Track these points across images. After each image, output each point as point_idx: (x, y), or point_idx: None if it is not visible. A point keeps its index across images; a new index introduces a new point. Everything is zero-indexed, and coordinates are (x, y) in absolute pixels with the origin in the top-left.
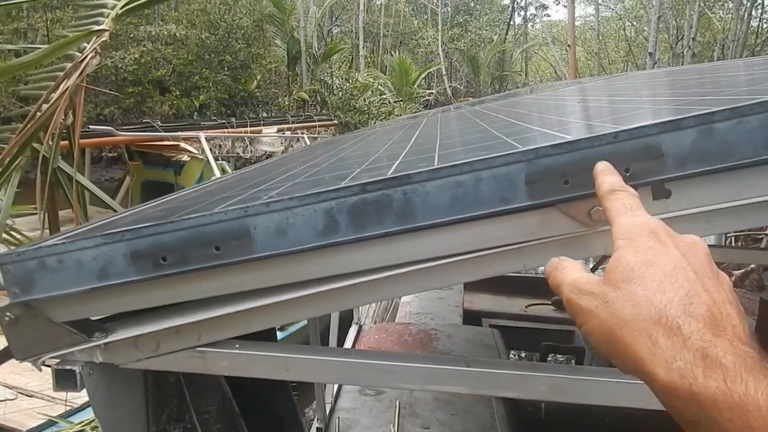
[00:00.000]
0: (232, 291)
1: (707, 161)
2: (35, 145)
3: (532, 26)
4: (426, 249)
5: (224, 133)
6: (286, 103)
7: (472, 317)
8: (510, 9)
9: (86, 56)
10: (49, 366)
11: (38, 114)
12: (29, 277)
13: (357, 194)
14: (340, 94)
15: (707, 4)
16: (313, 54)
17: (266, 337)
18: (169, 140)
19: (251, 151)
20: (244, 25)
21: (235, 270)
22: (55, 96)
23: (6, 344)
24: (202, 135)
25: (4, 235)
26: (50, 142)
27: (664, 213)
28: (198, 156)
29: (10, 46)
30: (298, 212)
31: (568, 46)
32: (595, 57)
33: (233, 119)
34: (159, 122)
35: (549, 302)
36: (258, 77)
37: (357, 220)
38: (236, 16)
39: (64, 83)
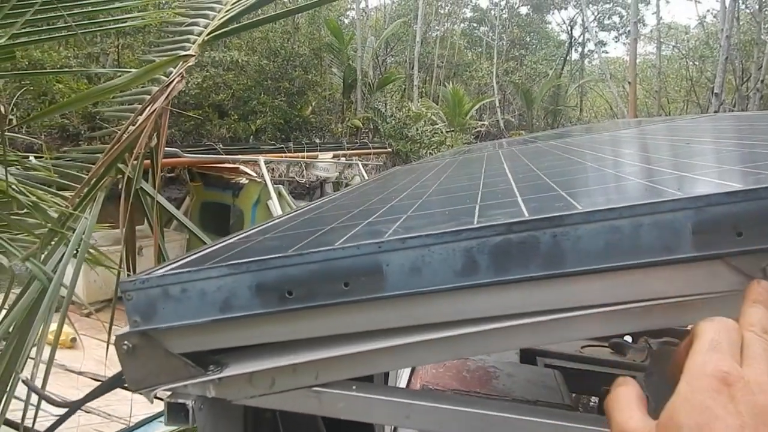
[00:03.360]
0: (359, 330)
1: None
2: (120, 165)
3: (589, 62)
4: (574, 297)
5: (282, 157)
6: (339, 129)
7: (527, 355)
8: (567, 44)
9: (173, 80)
10: (160, 398)
11: (124, 136)
12: (151, 306)
13: (501, 234)
14: (393, 122)
15: None
16: (368, 82)
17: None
18: (229, 163)
19: (306, 176)
20: (303, 53)
21: (364, 308)
22: (141, 118)
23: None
24: (261, 159)
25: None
26: (134, 162)
27: None
28: (256, 179)
29: (86, 70)
30: (435, 250)
31: (628, 83)
32: (655, 95)
33: (290, 144)
34: (221, 145)
35: (606, 344)
36: (313, 103)
37: (499, 261)
38: (296, 44)
39: (150, 106)
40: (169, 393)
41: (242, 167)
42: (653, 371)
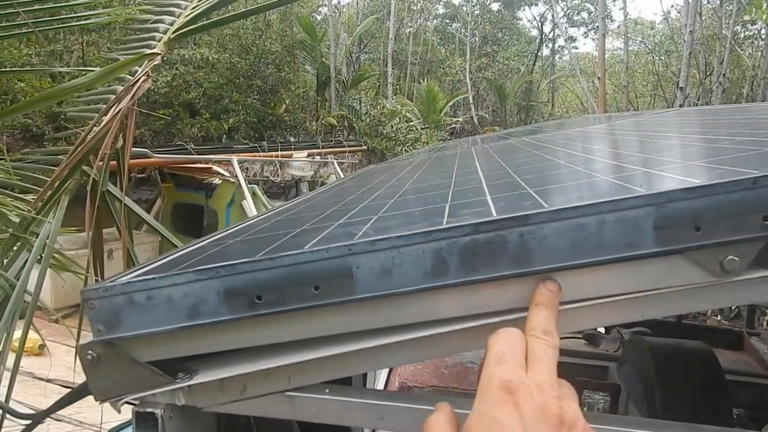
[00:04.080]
0: (330, 333)
1: None
2: (85, 167)
3: (560, 58)
4: None
5: (256, 156)
6: (314, 127)
7: None
8: (538, 40)
9: (138, 79)
10: (133, 403)
11: (89, 137)
12: (116, 314)
13: (469, 234)
14: (368, 120)
15: (737, 40)
16: (342, 80)
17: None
18: (202, 163)
19: (281, 175)
20: (275, 50)
21: (334, 311)
22: (106, 119)
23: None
24: (234, 158)
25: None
26: (100, 164)
27: None
28: (229, 179)
29: (49, 69)
30: (405, 252)
31: (598, 78)
32: (623, 90)
33: (264, 143)
34: (192, 145)
35: (580, 336)
36: (286, 101)
37: (468, 262)
38: (267, 41)
39: (115, 106)
40: (137, 402)
41: (215, 167)
42: (626, 360)
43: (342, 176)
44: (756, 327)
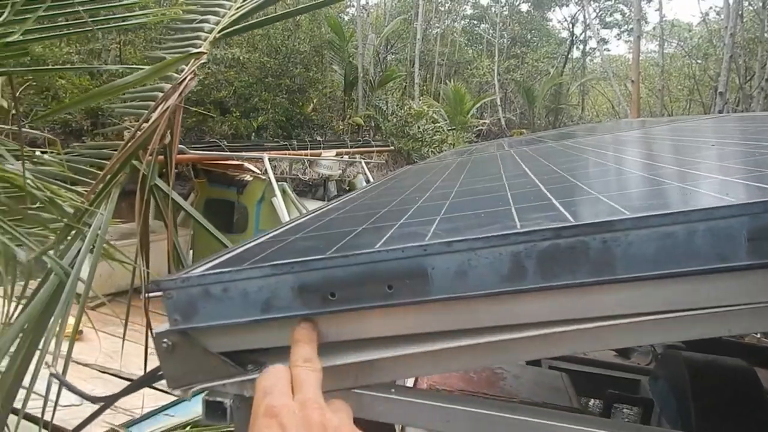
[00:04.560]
0: (401, 333)
1: None
2: (134, 162)
3: (591, 60)
4: (624, 304)
5: (287, 154)
6: (341, 127)
7: None
8: (568, 42)
9: (185, 78)
10: (164, 390)
11: (138, 133)
12: (192, 305)
13: (550, 239)
14: (395, 120)
15: None
16: (369, 80)
17: None
18: (234, 160)
19: (309, 174)
20: (304, 50)
21: (407, 311)
22: (154, 116)
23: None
24: (265, 156)
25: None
26: (149, 159)
27: None
28: (260, 176)
29: (95, 66)
30: (482, 254)
31: (631, 81)
32: (657, 94)
33: (294, 141)
34: (225, 142)
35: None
36: (314, 101)
37: (547, 267)
38: (296, 41)
39: (163, 104)
40: (206, 391)
41: (246, 164)
42: (659, 375)
43: (370, 176)
44: None
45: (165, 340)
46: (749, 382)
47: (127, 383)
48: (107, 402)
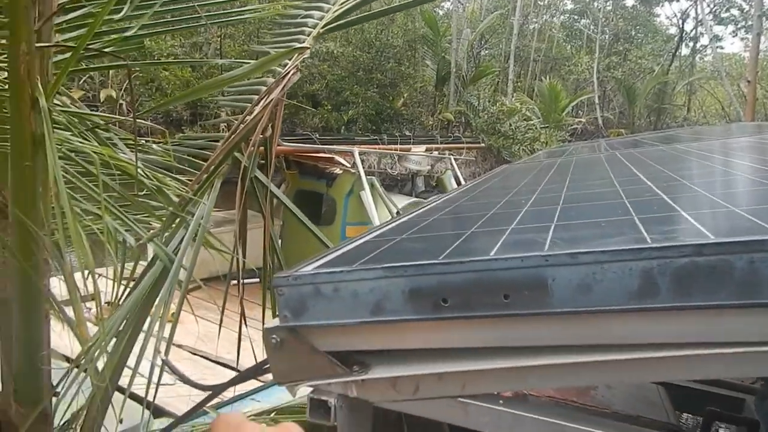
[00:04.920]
0: (516, 344)
1: None
2: (236, 154)
3: (701, 58)
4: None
5: (376, 148)
6: (431, 122)
7: None
8: (677, 39)
9: (289, 72)
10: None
11: (241, 126)
12: (302, 303)
13: (688, 256)
14: (486, 116)
15: None
16: (462, 76)
17: None
18: (325, 153)
19: (398, 168)
20: (397, 44)
21: (524, 321)
22: (257, 109)
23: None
24: (356, 150)
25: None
26: (251, 150)
27: None
28: (350, 170)
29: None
30: (608, 268)
31: (747, 81)
32: None
33: (384, 136)
34: (317, 135)
35: None
36: (405, 95)
37: (683, 285)
38: (390, 36)
39: (266, 97)
40: (311, 389)
41: (336, 157)
42: (766, 394)
43: (459, 173)
44: None
45: (274, 335)
46: None
47: (216, 366)
48: (215, 390)
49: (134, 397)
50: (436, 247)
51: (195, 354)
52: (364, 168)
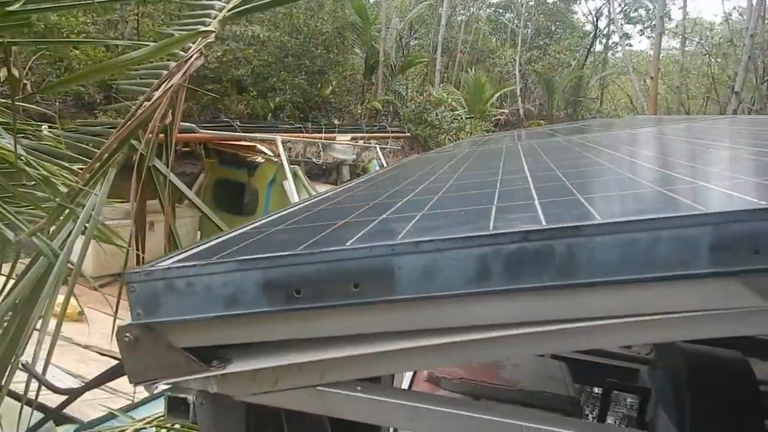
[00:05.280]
0: (367, 331)
1: None
2: (133, 141)
3: (613, 55)
4: (587, 308)
5: (300, 137)
6: (359, 111)
7: None
8: (592, 35)
9: (191, 56)
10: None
11: (139, 111)
12: (155, 299)
13: (516, 242)
14: (413, 106)
15: None
16: (390, 65)
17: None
18: (246, 141)
19: (323, 158)
20: (326, 31)
21: (373, 310)
22: (157, 94)
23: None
24: (278, 138)
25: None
26: (149, 137)
27: None
28: (272, 158)
29: (105, 40)
30: (448, 255)
31: (651, 78)
32: (675, 91)
33: (309, 124)
34: (238, 122)
35: None
36: (333, 83)
37: (513, 270)
38: (319, 22)
39: (166, 82)
40: (169, 386)
41: (259, 146)
42: (657, 365)
43: (384, 162)
44: None
45: (127, 334)
46: (743, 373)
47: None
48: (73, 394)
49: (34, 404)
50: (303, 238)
51: (104, 354)
52: (290, 157)
